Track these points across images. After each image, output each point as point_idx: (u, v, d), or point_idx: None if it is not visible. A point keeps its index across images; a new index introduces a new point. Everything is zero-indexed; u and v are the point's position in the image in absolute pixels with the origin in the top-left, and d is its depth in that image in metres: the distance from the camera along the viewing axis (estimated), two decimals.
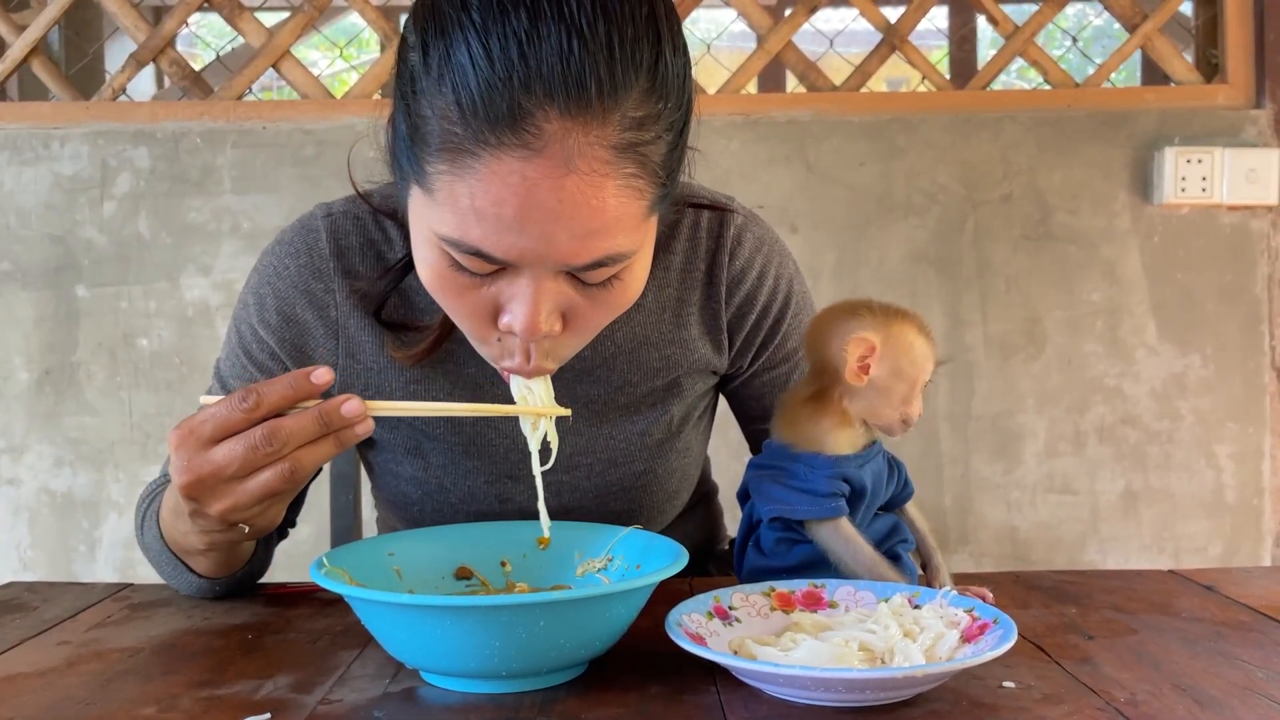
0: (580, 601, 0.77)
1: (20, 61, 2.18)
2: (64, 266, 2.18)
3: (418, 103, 0.81)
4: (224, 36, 2.38)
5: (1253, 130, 2.16)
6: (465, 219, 0.80)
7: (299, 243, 1.07)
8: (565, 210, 0.78)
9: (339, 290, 1.06)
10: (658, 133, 0.81)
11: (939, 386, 2.19)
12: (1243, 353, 2.19)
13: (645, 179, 0.81)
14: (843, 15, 2.34)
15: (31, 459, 2.19)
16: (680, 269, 1.10)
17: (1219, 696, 0.76)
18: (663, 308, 1.09)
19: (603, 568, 0.94)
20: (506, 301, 0.85)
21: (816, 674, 0.72)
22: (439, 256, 0.85)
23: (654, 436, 1.12)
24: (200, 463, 0.84)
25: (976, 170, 2.18)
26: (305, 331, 1.07)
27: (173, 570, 1.03)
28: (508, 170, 0.77)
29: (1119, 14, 2.22)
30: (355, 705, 0.77)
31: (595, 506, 1.12)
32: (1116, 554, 2.21)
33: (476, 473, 1.10)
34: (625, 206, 0.81)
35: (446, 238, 0.82)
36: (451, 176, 0.79)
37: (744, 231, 1.11)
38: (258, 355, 1.08)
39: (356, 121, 2.15)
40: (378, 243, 1.07)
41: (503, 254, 0.81)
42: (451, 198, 0.80)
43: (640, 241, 0.86)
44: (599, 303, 0.87)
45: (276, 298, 1.06)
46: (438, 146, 0.80)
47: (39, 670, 0.85)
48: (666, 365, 1.10)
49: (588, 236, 0.80)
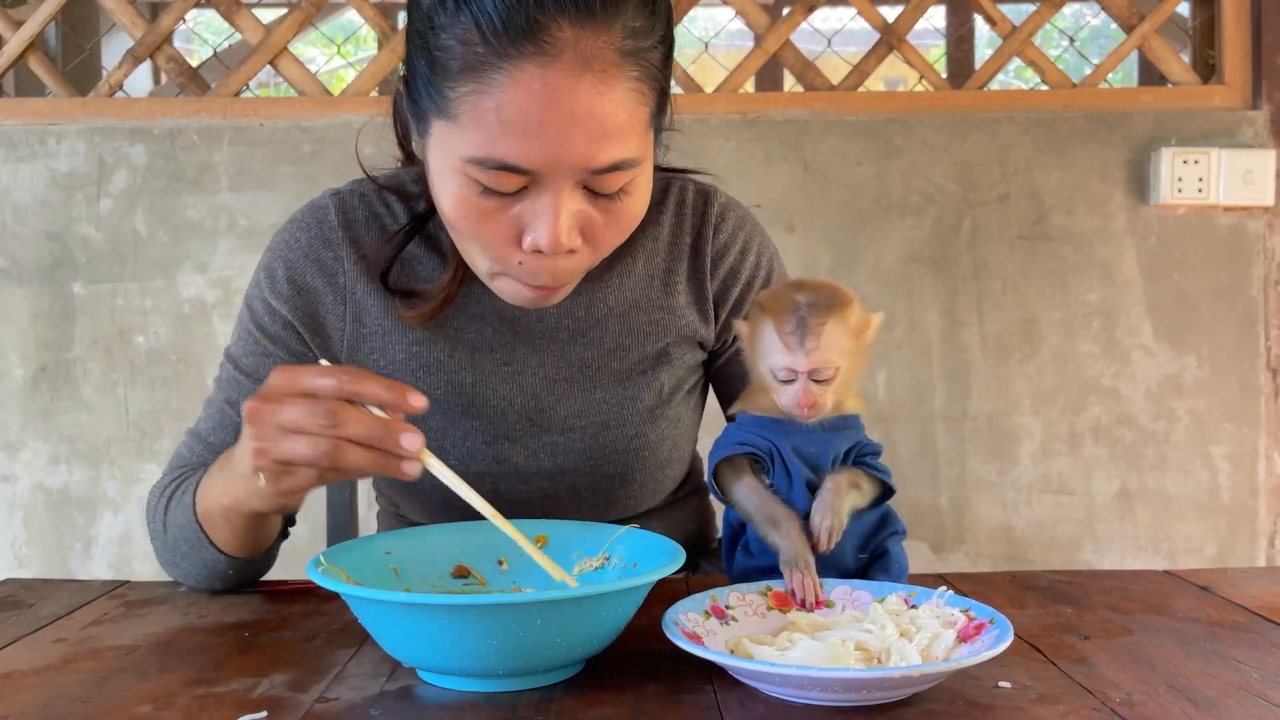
0: (577, 600, 0.77)
1: (17, 58, 2.17)
2: (60, 263, 2.17)
3: (437, 37, 0.90)
4: (221, 33, 2.38)
5: (1249, 131, 2.17)
6: (491, 133, 0.89)
7: (308, 218, 1.13)
8: (581, 111, 0.88)
9: (347, 258, 1.11)
10: (654, 42, 0.92)
11: (935, 387, 2.20)
12: (1238, 354, 2.19)
13: (646, 85, 0.92)
14: (840, 14, 2.34)
15: (27, 456, 2.19)
16: (668, 240, 1.16)
17: (1214, 697, 0.76)
18: (651, 275, 1.16)
19: (600, 567, 0.94)
20: (530, 221, 0.93)
21: (813, 674, 0.72)
22: (463, 184, 0.92)
23: (645, 402, 1.16)
24: (271, 396, 0.87)
25: (973, 170, 2.18)
26: (316, 299, 1.11)
27: (190, 549, 1.04)
28: (529, 78, 0.87)
29: (1116, 14, 2.22)
30: (352, 704, 0.77)
31: (589, 468, 1.15)
32: (1112, 554, 2.21)
33: (475, 433, 1.13)
34: (633, 110, 0.91)
35: (473, 158, 0.90)
36: (477, 95, 0.88)
37: (727, 210, 1.19)
38: (270, 327, 1.12)
39: (354, 119, 2.15)
40: (382, 216, 1.13)
41: (527, 162, 0.89)
42: (477, 115, 0.89)
43: (645, 152, 0.95)
44: (612, 217, 0.96)
45: (287, 268, 1.11)
46: (459, 69, 0.89)
47: (35, 668, 0.85)
48: (656, 330, 1.15)
49: (602, 138, 0.90)
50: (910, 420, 2.19)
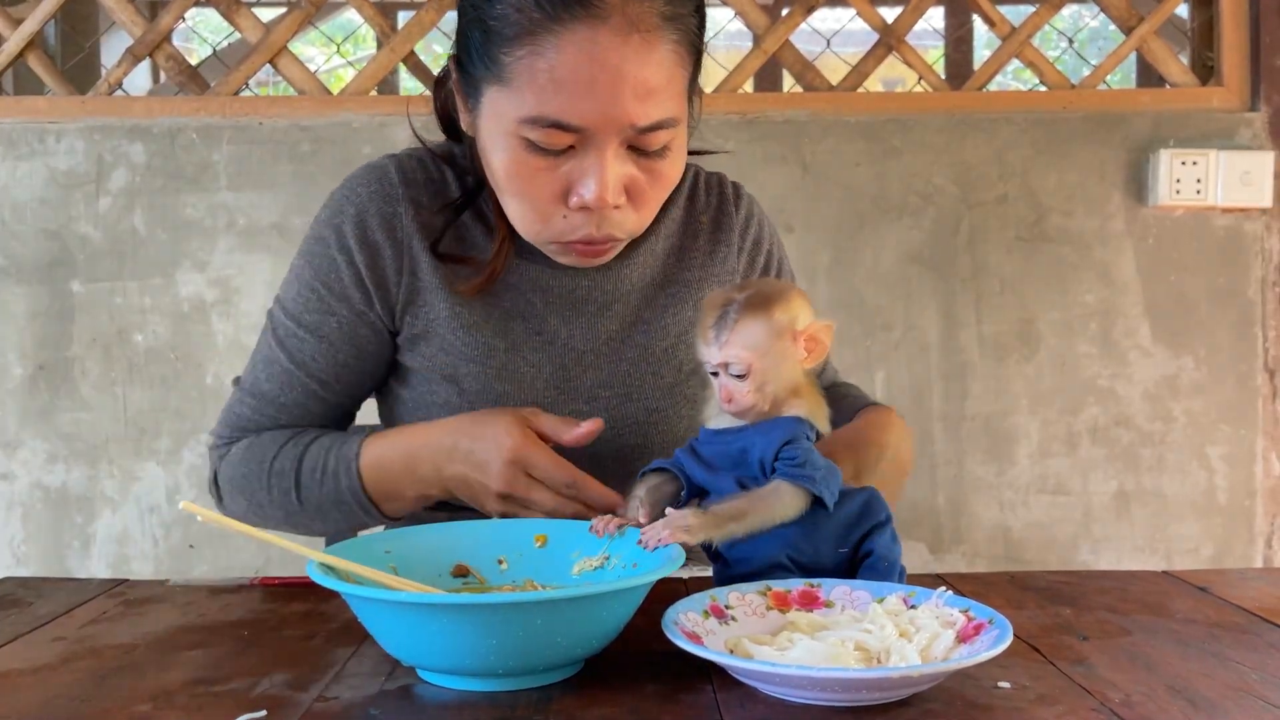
0: (577, 600, 0.77)
1: (16, 56, 2.17)
2: (59, 262, 2.17)
3: (492, 8, 0.99)
4: (221, 32, 2.38)
5: (1247, 133, 2.17)
6: (544, 92, 0.97)
7: (368, 176, 1.17)
8: (629, 70, 0.96)
9: (405, 214, 1.15)
10: (690, 9, 1.01)
11: (933, 387, 2.20)
12: (1236, 355, 2.20)
13: (685, 49, 1.01)
14: (840, 15, 2.34)
15: (25, 454, 2.19)
16: (682, 220, 1.24)
17: (1213, 698, 0.76)
18: (668, 252, 1.23)
19: (599, 566, 0.94)
20: (578, 179, 1.01)
21: (812, 674, 0.72)
22: (515, 145, 1.01)
23: (665, 378, 1.21)
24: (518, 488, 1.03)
25: (972, 171, 2.18)
26: (379, 253, 1.15)
27: (342, 515, 1.14)
28: (581, 38, 0.95)
29: (1115, 16, 2.23)
30: (351, 703, 0.77)
31: (611, 437, 1.17)
32: (1109, 555, 2.21)
33: (505, 398, 1.16)
34: (673, 70, 1.00)
35: (526, 117, 0.98)
36: (531, 57, 0.97)
37: (741, 191, 1.29)
38: (336, 285, 1.15)
39: (353, 118, 2.15)
40: (437, 181, 1.18)
41: (578, 119, 0.97)
42: (531, 77, 0.97)
43: (683, 114, 1.04)
44: (654, 176, 1.04)
45: (355, 224, 1.15)
46: (514, 34, 0.97)
47: (33, 667, 0.85)
48: (674, 304, 1.22)
49: (647, 96, 0.98)
50: (908, 420, 2.16)
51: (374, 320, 1.17)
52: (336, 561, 0.85)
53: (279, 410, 1.18)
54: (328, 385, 1.18)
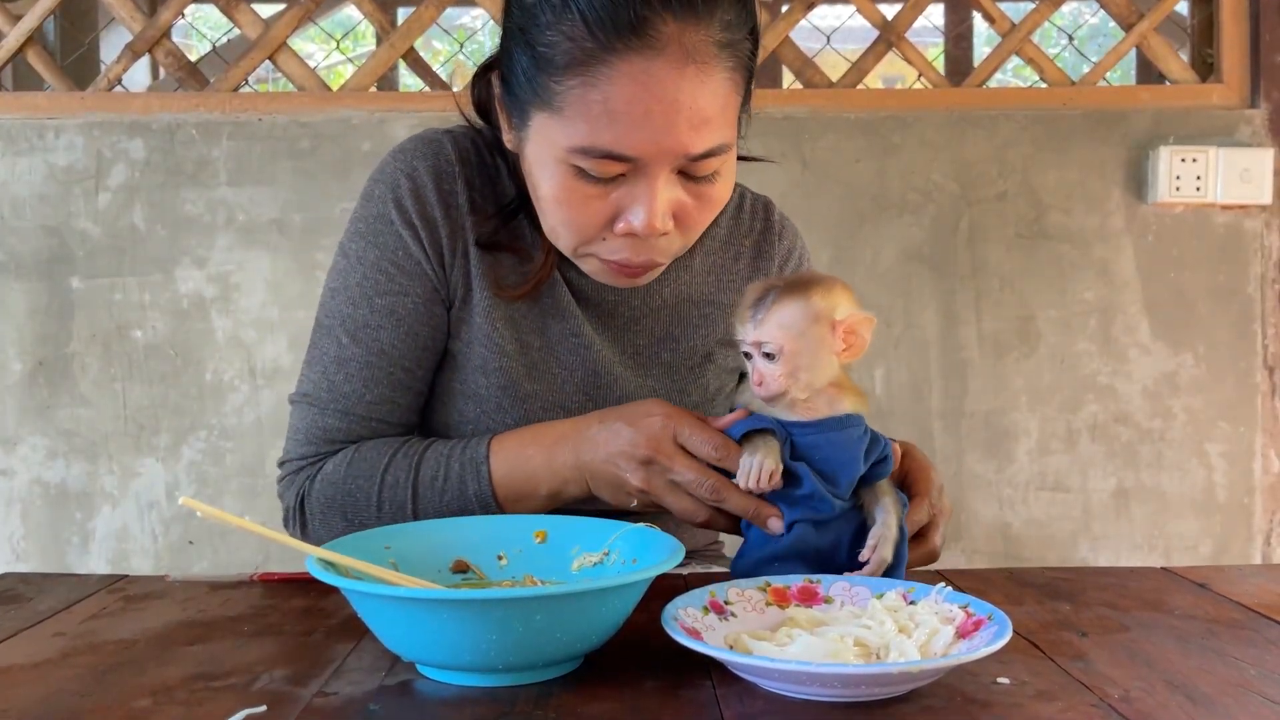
0: (576, 595, 0.77)
1: (15, 52, 2.17)
2: (58, 258, 2.17)
3: (542, 34, 0.96)
4: (220, 28, 2.38)
5: (1247, 130, 2.17)
6: (597, 123, 0.95)
7: (423, 149, 1.14)
8: (685, 99, 0.94)
9: (460, 192, 1.13)
10: (745, 34, 1.00)
11: (932, 384, 2.20)
12: (1235, 352, 2.20)
13: (739, 74, 1.00)
14: (839, 12, 2.34)
15: (25, 450, 2.19)
16: (724, 239, 1.23)
17: (1212, 694, 0.76)
18: (707, 270, 1.22)
19: (599, 562, 0.95)
20: (628, 205, 0.99)
21: (812, 669, 0.72)
22: (564, 171, 0.99)
23: (691, 398, 1.20)
24: (663, 452, 0.97)
25: (971, 168, 2.18)
26: (438, 230, 1.12)
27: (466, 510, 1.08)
28: (637, 70, 0.93)
29: (1115, 13, 2.22)
30: (351, 698, 0.77)
31: None
32: (1108, 552, 2.21)
33: (534, 398, 1.14)
34: (727, 97, 0.98)
35: (577, 147, 0.96)
36: (584, 88, 0.94)
37: (786, 220, 1.28)
38: (405, 262, 1.12)
39: (353, 114, 2.15)
40: (490, 168, 1.15)
41: (632, 150, 0.95)
42: (584, 107, 0.95)
43: (734, 138, 1.03)
44: (703, 200, 1.02)
45: (412, 198, 1.12)
46: (565, 64, 0.95)
47: (33, 662, 0.85)
48: (704, 324, 1.20)
49: (702, 125, 0.96)
50: (907, 418, 2.20)
51: (444, 297, 1.13)
52: (336, 557, 0.85)
53: (368, 410, 1.12)
54: (411, 372, 1.13)
